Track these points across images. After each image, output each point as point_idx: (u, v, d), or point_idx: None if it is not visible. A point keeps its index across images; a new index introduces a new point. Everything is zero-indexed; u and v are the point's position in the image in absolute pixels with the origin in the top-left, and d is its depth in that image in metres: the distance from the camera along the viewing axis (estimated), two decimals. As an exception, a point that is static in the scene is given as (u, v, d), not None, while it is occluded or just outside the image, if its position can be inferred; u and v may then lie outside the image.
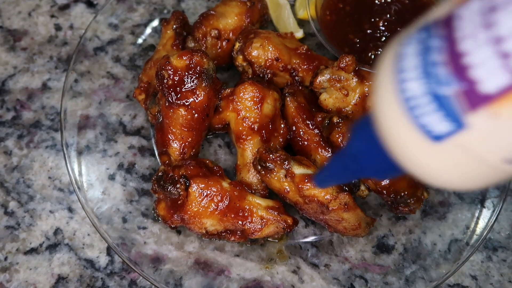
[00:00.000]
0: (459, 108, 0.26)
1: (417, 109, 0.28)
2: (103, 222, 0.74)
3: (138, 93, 0.79)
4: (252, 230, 0.69)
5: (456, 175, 0.31)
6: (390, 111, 0.30)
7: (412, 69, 0.28)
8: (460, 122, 0.27)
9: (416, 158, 0.31)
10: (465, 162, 0.29)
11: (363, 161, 0.37)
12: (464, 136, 0.27)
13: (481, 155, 0.28)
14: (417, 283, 0.72)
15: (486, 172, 0.29)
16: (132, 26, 0.90)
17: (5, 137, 0.83)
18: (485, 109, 0.25)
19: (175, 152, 0.73)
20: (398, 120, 0.29)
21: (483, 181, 0.31)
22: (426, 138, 0.29)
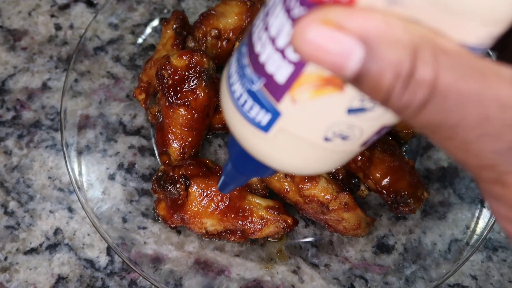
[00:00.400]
0: (269, 99, 0.31)
1: (244, 106, 0.33)
2: (103, 222, 0.74)
3: (138, 93, 0.79)
4: (252, 230, 0.69)
5: (299, 161, 0.35)
6: (230, 113, 0.35)
7: (234, 73, 0.33)
8: (274, 110, 0.31)
9: (260, 149, 0.35)
10: (297, 145, 0.33)
11: (240, 167, 0.42)
12: (282, 122, 0.32)
13: (303, 136, 0.32)
14: (417, 283, 0.72)
15: (320, 152, 0.34)
16: (132, 26, 0.90)
17: (5, 137, 0.83)
18: (285, 97, 0.30)
19: (175, 152, 0.73)
20: (237, 119, 0.34)
21: (324, 162, 0.36)
22: (258, 130, 0.33)
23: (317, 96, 0.29)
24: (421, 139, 0.82)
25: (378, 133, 0.33)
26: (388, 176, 0.68)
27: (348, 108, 0.29)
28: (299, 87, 0.29)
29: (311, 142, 0.32)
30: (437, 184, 0.79)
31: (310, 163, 0.35)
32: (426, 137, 0.30)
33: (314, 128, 0.31)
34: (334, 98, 0.29)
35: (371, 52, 0.23)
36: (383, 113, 0.30)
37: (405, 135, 0.78)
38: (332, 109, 0.30)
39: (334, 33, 0.23)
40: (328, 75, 0.27)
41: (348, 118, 0.30)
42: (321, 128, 0.31)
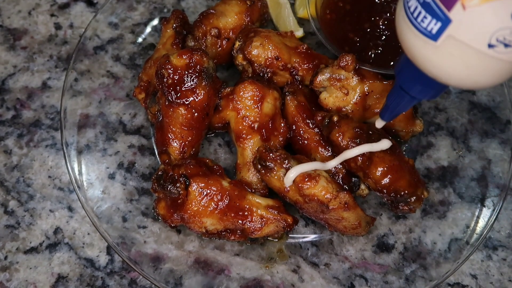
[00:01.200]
0: (441, 7, 0.35)
1: (417, 17, 0.37)
2: (103, 221, 0.74)
3: (138, 92, 0.79)
4: (252, 229, 0.69)
5: (461, 69, 0.38)
6: (404, 28, 0.39)
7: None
8: (445, 19, 0.35)
9: (429, 60, 0.39)
10: (463, 52, 0.37)
11: (407, 84, 0.46)
12: (452, 29, 0.36)
13: (469, 44, 0.36)
14: (417, 282, 0.72)
15: (484, 60, 0.37)
16: (132, 25, 0.90)
17: (5, 136, 0.82)
18: (457, 4, 0.34)
19: (175, 151, 0.73)
20: (410, 32, 0.39)
21: (487, 72, 0.39)
22: (429, 39, 0.37)
23: (486, 1, 0.33)
24: (421, 138, 0.82)
25: None
26: (388, 175, 0.68)
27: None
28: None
29: (477, 49, 0.36)
30: (437, 183, 0.79)
31: (474, 72, 0.38)
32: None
33: (480, 34, 0.35)
34: (502, 3, 0.32)
35: None
36: None
37: (405, 135, 0.78)
38: (498, 14, 0.33)
39: None
40: None
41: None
42: (486, 34, 0.34)
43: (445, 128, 0.82)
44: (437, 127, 0.82)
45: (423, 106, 0.84)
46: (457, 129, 0.82)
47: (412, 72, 0.42)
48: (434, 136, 0.82)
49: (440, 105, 0.84)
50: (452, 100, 0.84)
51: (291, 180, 0.66)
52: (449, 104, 0.84)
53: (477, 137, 0.81)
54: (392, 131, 0.77)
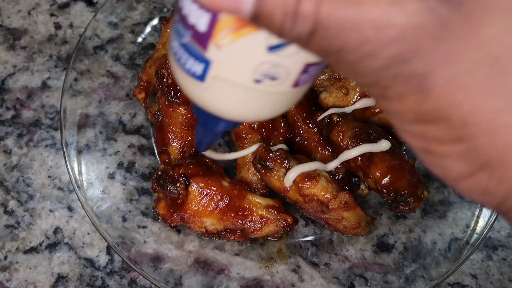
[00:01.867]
0: (198, 49, 0.34)
1: (181, 61, 0.36)
2: (103, 221, 0.74)
3: (138, 92, 0.79)
4: (252, 229, 0.69)
5: (238, 105, 0.38)
6: (174, 69, 0.38)
7: (172, 33, 0.36)
8: (205, 60, 0.34)
9: (202, 99, 0.38)
10: (232, 90, 0.36)
11: (201, 121, 0.45)
12: (214, 70, 0.34)
13: (234, 81, 0.35)
14: (417, 282, 0.72)
15: (255, 95, 0.36)
16: (132, 25, 0.90)
17: (5, 136, 0.82)
18: (210, 44, 0.33)
19: (175, 151, 0.73)
20: (179, 74, 0.38)
21: (263, 106, 0.38)
22: (196, 80, 0.36)
23: (237, 38, 0.32)
24: (421, 138, 0.82)
25: (306, 72, 0.35)
26: (388, 175, 0.68)
27: (268, 46, 0.32)
28: (220, 32, 0.32)
29: (244, 86, 0.35)
30: (437, 183, 0.79)
31: (249, 107, 0.38)
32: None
33: (243, 71, 0.34)
34: (253, 38, 0.31)
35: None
36: (299, 48, 0.32)
37: (405, 134, 0.78)
38: (253, 49, 0.32)
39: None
40: None
41: (271, 56, 0.32)
42: (248, 70, 0.34)
43: (445, 127, 0.82)
44: (437, 127, 0.82)
45: (423, 105, 0.84)
46: (457, 129, 0.82)
47: (199, 109, 0.41)
48: (434, 136, 0.82)
49: (440, 105, 0.84)
50: (452, 99, 0.84)
51: (291, 180, 0.66)
52: (449, 104, 0.84)
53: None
54: (392, 131, 0.77)
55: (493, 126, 0.28)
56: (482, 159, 0.29)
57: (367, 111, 0.74)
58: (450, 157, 0.30)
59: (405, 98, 0.28)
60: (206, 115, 0.41)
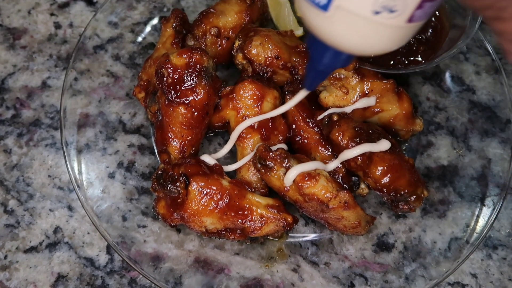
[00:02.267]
0: None
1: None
2: (103, 220, 0.74)
3: (138, 91, 0.79)
4: (252, 228, 0.69)
5: (354, 36, 0.41)
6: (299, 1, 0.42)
7: None
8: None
9: (324, 29, 0.41)
10: (352, 20, 0.39)
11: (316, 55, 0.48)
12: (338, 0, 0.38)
13: (356, 11, 0.38)
14: (417, 281, 0.72)
15: (373, 27, 0.39)
16: (131, 24, 0.90)
17: (5, 136, 0.82)
18: None
19: (174, 151, 0.73)
20: (304, 4, 0.41)
21: (379, 38, 0.41)
22: (320, 10, 0.39)
23: None
24: (421, 138, 0.82)
25: (421, 7, 0.38)
26: (388, 175, 0.68)
27: None
28: None
29: (364, 16, 0.38)
30: (437, 183, 0.79)
31: (366, 39, 0.41)
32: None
33: (364, 2, 0.37)
34: None
35: None
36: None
37: (405, 134, 0.78)
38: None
39: None
40: None
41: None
42: (369, 1, 0.36)
43: (445, 127, 0.82)
44: (437, 126, 0.82)
45: (423, 105, 0.84)
46: (457, 128, 0.82)
47: (316, 42, 0.44)
48: (434, 135, 0.82)
49: (440, 104, 0.84)
50: (452, 99, 0.84)
51: (291, 180, 0.66)
52: (449, 103, 0.84)
53: (477, 136, 0.81)
54: (392, 130, 0.77)
55: None
56: None
57: (367, 111, 0.74)
58: None
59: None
60: (322, 49, 0.45)
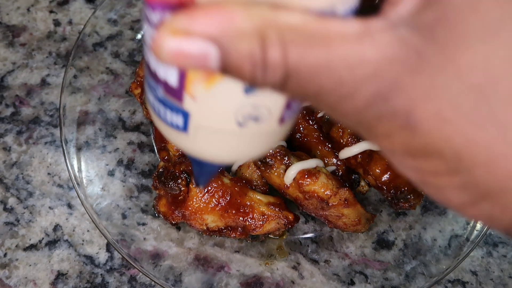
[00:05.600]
0: (173, 102, 0.32)
1: (160, 114, 0.35)
2: (103, 218, 0.74)
3: (134, 87, 0.79)
4: (254, 226, 0.69)
5: (227, 150, 0.36)
6: (155, 121, 0.37)
7: (146, 87, 0.35)
8: (183, 111, 0.33)
9: (189, 148, 0.37)
10: (218, 136, 0.34)
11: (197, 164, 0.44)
12: (195, 119, 0.33)
13: (218, 128, 0.33)
14: (417, 278, 0.72)
15: (243, 138, 0.35)
16: (131, 22, 0.89)
17: (4, 133, 0.82)
18: (185, 96, 0.31)
19: (173, 148, 0.73)
20: (162, 126, 0.36)
21: (253, 146, 0.37)
22: (180, 131, 0.35)
23: (211, 86, 0.30)
24: (421, 135, 0.81)
25: (288, 107, 0.33)
26: (388, 172, 0.68)
27: (244, 88, 0.30)
28: (191, 83, 0.30)
29: (228, 131, 0.33)
30: (437, 180, 0.79)
31: (238, 150, 0.37)
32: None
33: (224, 117, 0.32)
34: (227, 83, 0.30)
35: (225, 49, 0.24)
36: None
37: (405, 131, 0.78)
38: (230, 94, 0.31)
39: (184, 41, 0.24)
40: None
41: (249, 99, 0.31)
42: (229, 115, 0.32)
43: (445, 124, 0.82)
44: (437, 124, 0.82)
45: (423, 102, 0.84)
46: (457, 126, 0.82)
47: None
48: (434, 133, 0.82)
49: (440, 102, 0.84)
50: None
51: (292, 178, 0.66)
52: (449, 101, 0.84)
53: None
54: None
55: (489, 157, 0.27)
56: (482, 189, 0.28)
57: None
58: (449, 188, 0.29)
59: (392, 136, 0.27)
60: (197, 160, 0.40)
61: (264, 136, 0.36)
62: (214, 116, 0.33)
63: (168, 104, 0.33)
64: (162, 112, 0.34)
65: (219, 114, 0.32)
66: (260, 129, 0.34)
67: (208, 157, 0.38)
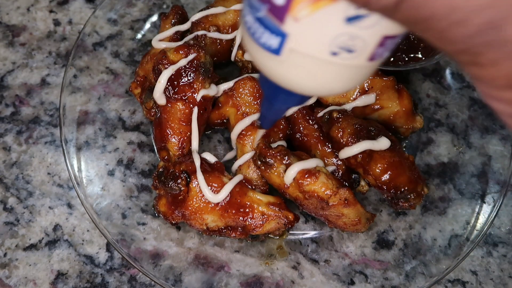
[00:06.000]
0: (274, 22, 0.34)
1: (255, 35, 0.36)
2: (103, 218, 0.74)
3: (134, 87, 0.79)
4: (254, 226, 0.69)
5: (311, 79, 0.37)
6: (248, 41, 0.38)
7: (245, 7, 0.36)
8: (282, 33, 0.34)
9: (277, 73, 0.38)
10: (308, 63, 0.36)
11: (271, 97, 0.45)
12: (291, 42, 0.34)
13: (311, 53, 0.34)
14: (417, 278, 0.72)
15: (331, 68, 0.36)
16: (131, 21, 0.89)
17: (4, 133, 0.82)
18: (288, 17, 0.33)
19: (173, 147, 0.73)
20: (254, 48, 0.37)
21: (338, 79, 0.38)
22: (272, 54, 0.36)
23: (315, 10, 0.31)
24: (421, 135, 0.81)
25: (382, 45, 0.34)
26: (388, 172, 0.67)
27: (346, 17, 0.31)
28: (298, 5, 0.32)
29: (320, 58, 0.35)
30: (437, 180, 0.79)
31: (324, 81, 0.38)
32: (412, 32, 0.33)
33: (320, 43, 0.34)
34: (331, 9, 0.31)
35: None
36: (378, 19, 0.32)
37: (405, 131, 0.78)
38: (331, 20, 0.32)
39: None
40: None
41: (348, 28, 0.32)
42: (326, 42, 0.33)
43: (445, 124, 0.82)
44: (437, 123, 0.82)
45: (423, 102, 0.84)
46: (457, 125, 0.82)
47: (269, 83, 0.41)
48: (434, 132, 0.82)
49: (441, 101, 0.84)
50: (453, 96, 0.84)
51: (292, 177, 0.66)
52: (450, 100, 0.84)
53: (478, 133, 0.81)
54: (392, 128, 0.77)
55: None
56: None
57: (367, 108, 0.74)
58: None
59: (498, 64, 0.28)
60: (276, 90, 0.41)
61: (351, 71, 0.37)
62: (310, 41, 0.34)
63: (267, 24, 0.34)
64: (258, 33, 0.36)
65: (316, 40, 0.34)
66: (350, 62, 0.35)
67: (292, 84, 0.39)
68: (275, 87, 0.40)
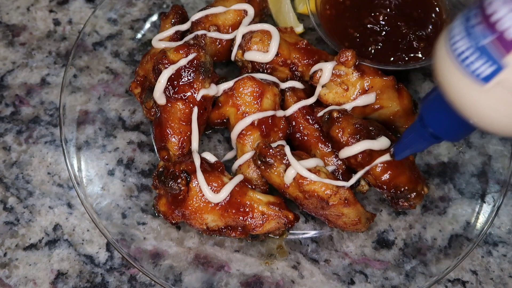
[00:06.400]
0: (496, 53, 0.35)
1: (466, 60, 0.37)
2: (103, 217, 0.74)
3: (134, 87, 0.79)
4: (254, 225, 0.69)
5: (506, 116, 0.38)
6: (447, 69, 0.38)
7: (459, 34, 0.37)
8: (499, 63, 0.35)
9: (473, 103, 0.38)
10: (510, 99, 0.36)
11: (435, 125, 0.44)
12: (505, 74, 0.35)
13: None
14: (417, 278, 0.72)
15: None
16: (131, 21, 0.89)
17: (4, 133, 0.82)
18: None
19: (173, 147, 0.72)
20: (454, 73, 0.38)
21: None
22: (476, 81, 0.36)
23: None
24: (421, 134, 0.81)
25: None
26: (388, 172, 0.67)
27: None
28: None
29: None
30: (437, 179, 0.79)
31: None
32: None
33: None
34: None
35: None
36: None
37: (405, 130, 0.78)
38: None
39: None
40: None
41: None
42: None
43: (445, 124, 0.82)
44: (437, 123, 0.82)
45: (423, 102, 0.84)
46: (457, 125, 0.82)
47: (443, 112, 0.41)
48: (434, 132, 0.82)
49: (441, 101, 0.84)
50: (453, 96, 0.84)
51: (292, 177, 0.66)
52: (450, 100, 0.84)
53: (478, 132, 0.81)
54: (392, 127, 0.77)
55: None
56: None
57: (367, 108, 0.74)
58: None
59: None
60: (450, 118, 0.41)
61: None
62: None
63: (486, 52, 0.35)
64: (470, 59, 0.36)
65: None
66: None
67: (482, 116, 0.39)
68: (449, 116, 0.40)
